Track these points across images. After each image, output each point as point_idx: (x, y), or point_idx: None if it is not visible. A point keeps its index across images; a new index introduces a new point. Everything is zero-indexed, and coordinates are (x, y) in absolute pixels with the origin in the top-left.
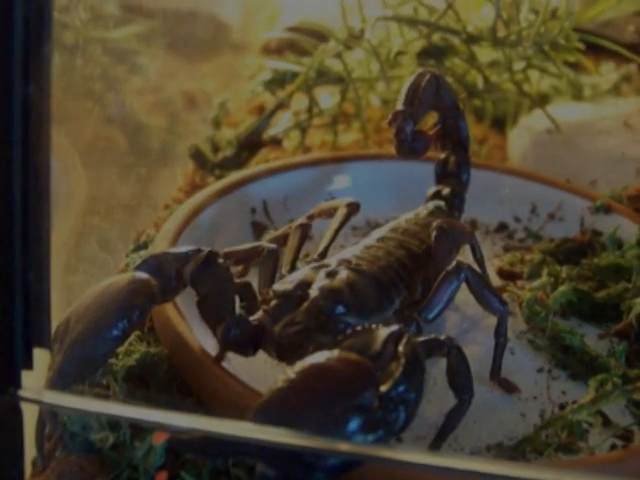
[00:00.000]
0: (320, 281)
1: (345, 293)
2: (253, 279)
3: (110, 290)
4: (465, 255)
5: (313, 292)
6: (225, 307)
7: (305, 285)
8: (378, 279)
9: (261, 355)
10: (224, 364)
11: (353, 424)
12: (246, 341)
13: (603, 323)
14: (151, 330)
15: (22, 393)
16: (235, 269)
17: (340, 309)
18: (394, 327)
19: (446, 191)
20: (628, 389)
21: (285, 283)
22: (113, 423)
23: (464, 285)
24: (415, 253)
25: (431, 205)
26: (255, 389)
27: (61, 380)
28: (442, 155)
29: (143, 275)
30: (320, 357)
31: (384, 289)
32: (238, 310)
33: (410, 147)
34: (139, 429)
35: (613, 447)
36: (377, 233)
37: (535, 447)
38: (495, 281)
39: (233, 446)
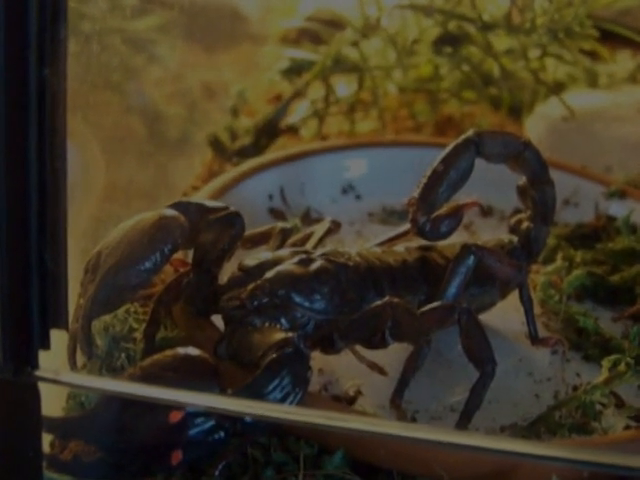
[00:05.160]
0: (284, 265)
1: (301, 283)
2: None
3: (142, 224)
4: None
5: (269, 274)
6: (210, 263)
7: (270, 265)
8: (360, 277)
9: None
10: None
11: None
12: (201, 300)
13: (617, 306)
14: (169, 314)
15: (39, 373)
16: None
17: (288, 297)
18: (289, 335)
19: (525, 226)
20: None
21: (253, 259)
22: None
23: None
24: (434, 270)
25: (506, 239)
26: None
27: (95, 309)
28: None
29: (174, 212)
30: (169, 352)
31: (362, 288)
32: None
33: (424, 236)
34: None
35: (627, 428)
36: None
37: (549, 427)
38: None
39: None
